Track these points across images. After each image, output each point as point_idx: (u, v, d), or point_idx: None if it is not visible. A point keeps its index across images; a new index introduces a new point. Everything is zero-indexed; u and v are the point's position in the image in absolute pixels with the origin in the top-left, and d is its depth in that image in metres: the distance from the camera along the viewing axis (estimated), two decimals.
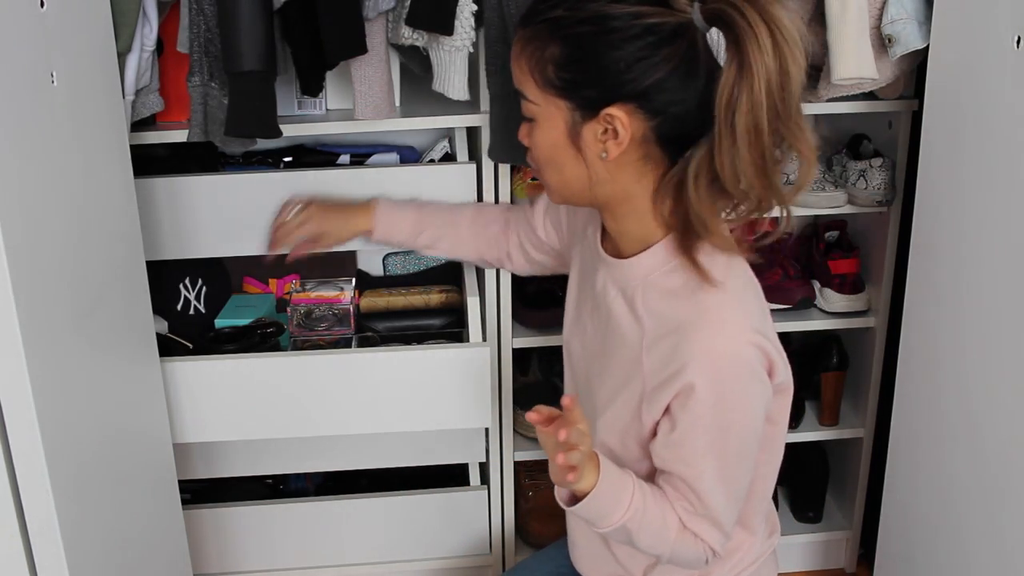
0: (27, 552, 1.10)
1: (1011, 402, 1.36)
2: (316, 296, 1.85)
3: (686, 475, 1.16)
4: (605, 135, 1.11)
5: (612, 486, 1.14)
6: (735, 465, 1.17)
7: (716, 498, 1.16)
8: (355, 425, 1.69)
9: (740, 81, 1.03)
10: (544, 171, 1.19)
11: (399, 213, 1.58)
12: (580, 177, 1.15)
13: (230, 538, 1.88)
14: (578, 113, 1.11)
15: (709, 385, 1.11)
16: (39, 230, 1.08)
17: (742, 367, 1.12)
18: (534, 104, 1.14)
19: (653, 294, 1.17)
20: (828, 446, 2.07)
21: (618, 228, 1.20)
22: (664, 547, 1.18)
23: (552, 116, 1.13)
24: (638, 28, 1.06)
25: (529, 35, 1.12)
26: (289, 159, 1.82)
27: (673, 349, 1.13)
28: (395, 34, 1.57)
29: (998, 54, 1.33)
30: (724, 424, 1.13)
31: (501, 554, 1.95)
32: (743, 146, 1.05)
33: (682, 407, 1.13)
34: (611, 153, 1.11)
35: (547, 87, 1.11)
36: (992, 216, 1.38)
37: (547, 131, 1.14)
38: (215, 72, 1.52)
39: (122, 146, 1.40)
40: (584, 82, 1.09)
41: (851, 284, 1.89)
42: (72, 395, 1.16)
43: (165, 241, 1.69)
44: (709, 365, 1.11)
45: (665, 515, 1.17)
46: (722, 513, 1.18)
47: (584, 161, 1.13)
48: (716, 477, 1.16)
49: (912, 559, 1.66)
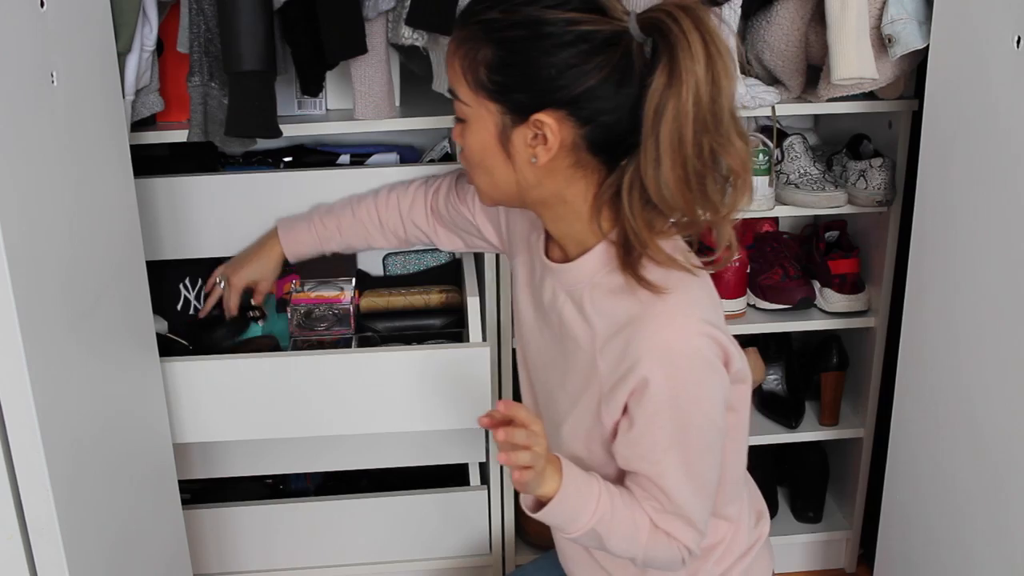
0: (27, 552, 1.10)
1: (1011, 401, 1.36)
2: (316, 296, 1.85)
3: (650, 472, 1.14)
4: (535, 140, 1.10)
5: (576, 490, 1.13)
6: (699, 459, 1.15)
7: (683, 494, 1.15)
8: (355, 425, 1.69)
9: (668, 89, 1.03)
10: (474, 172, 1.18)
11: (298, 234, 1.61)
12: (509, 180, 1.14)
13: (230, 538, 1.88)
14: (508, 117, 1.10)
15: (664, 379, 1.09)
16: (39, 230, 1.08)
17: (696, 358, 1.11)
18: (465, 105, 1.12)
19: (599, 294, 1.16)
20: (828, 446, 2.07)
21: (558, 230, 1.19)
22: (636, 549, 1.17)
23: (482, 118, 1.12)
24: (572, 35, 1.05)
25: (463, 35, 1.11)
26: (289, 159, 1.83)
27: (625, 346, 1.11)
28: (395, 34, 1.57)
29: (998, 54, 1.33)
30: (683, 417, 1.12)
31: (501, 554, 1.95)
32: (666, 156, 1.04)
33: (638, 403, 1.11)
34: (540, 159, 1.10)
35: (478, 89, 1.10)
36: (992, 216, 1.38)
37: (477, 133, 1.13)
38: (215, 72, 1.52)
39: (122, 146, 1.40)
40: (515, 86, 1.08)
41: (851, 284, 1.89)
42: (72, 395, 1.16)
43: (165, 241, 1.69)
44: (661, 358, 1.09)
45: (635, 516, 1.16)
46: (692, 509, 1.16)
47: (513, 165, 1.13)
48: (681, 472, 1.14)
49: (912, 559, 1.66)
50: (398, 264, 2.00)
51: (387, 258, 2.00)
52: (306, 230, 1.61)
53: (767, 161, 1.75)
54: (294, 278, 1.92)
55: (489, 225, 1.44)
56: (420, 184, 1.56)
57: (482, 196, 1.21)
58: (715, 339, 1.12)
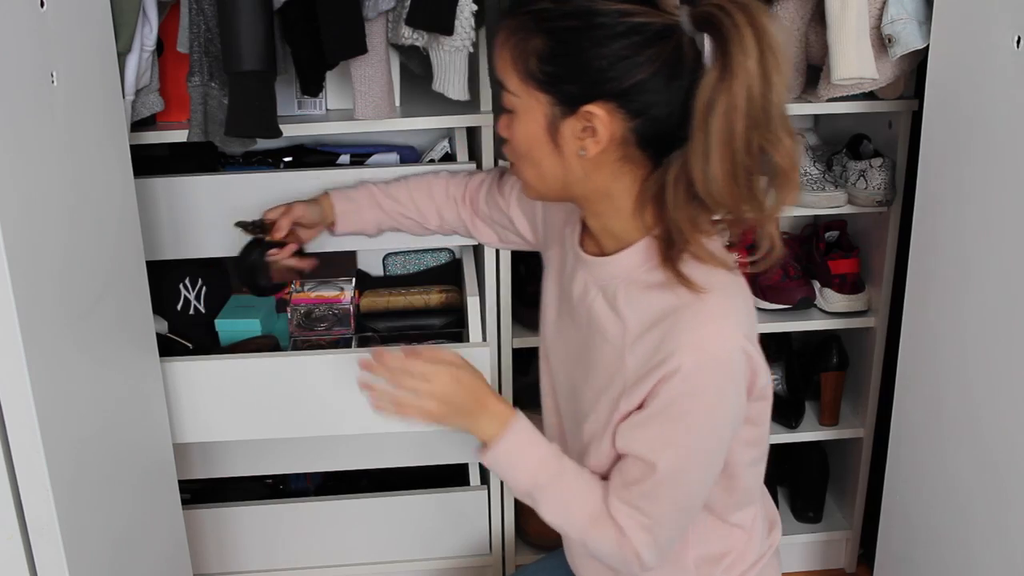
0: (27, 552, 1.10)
1: (1011, 401, 1.36)
2: (316, 296, 1.85)
3: (642, 453, 1.13)
4: (584, 132, 1.09)
5: (519, 447, 1.18)
6: (692, 469, 1.14)
7: (662, 497, 1.14)
8: (355, 425, 1.69)
9: (720, 83, 1.02)
10: (520, 165, 1.17)
11: (358, 214, 1.55)
12: (556, 173, 1.14)
13: (230, 538, 1.88)
14: (558, 108, 1.09)
15: (690, 373, 1.08)
16: (39, 230, 1.08)
17: (724, 367, 1.10)
18: (514, 96, 1.12)
19: (635, 290, 1.15)
20: (828, 446, 2.07)
21: (599, 225, 1.19)
22: (572, 529, 1.19)
23: (532, 109, 1.11)
24: (624, 26, 1.05)
25: (514, 25, 1.10)
26: (289, 159, 1.83)
27: (659, 340, 1.10)
28: (395, 34, 1.57)
29: (998, 54, 1.33)
30: (693, 417, 1.11)
31: (501, 554, 1.95)
32: (715, 151, 1.04)
33: (658, 392, 1.11)
34: (589, 151, 1.10)
35: (528, 79, 1.10)
36: (992, 216, 1.38)
37: (526, 124, 1.12)
38: (215, 72, 1.52)
39: (122, 146, 1.40)
40: (566, 77, 1.08)
41: (851, 284, 1.89)
42: (72, 395, 1.16)
43: (165, 241, 1.69)
44: (695, 354, 1.08)
45: (582, 498, 1.17)
46: (662, 518, 1.15)
47: (561, 157, 1.12)
48: (671, 472, 1.13)
49: (912, 559, 1.66)
50: (398, 264, 2.00)
51: (387, 258, 2.00)
52: (365, 193, 1.55)
53: None
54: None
55: (523, 218, 1.44)
56: (466, 174, 1.56)
57: (527, 189, 1.20)
58: (748, 355, 1.11)
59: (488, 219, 1.51)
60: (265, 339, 1.80)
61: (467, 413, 1.20)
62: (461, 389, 1.20)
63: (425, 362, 1.20)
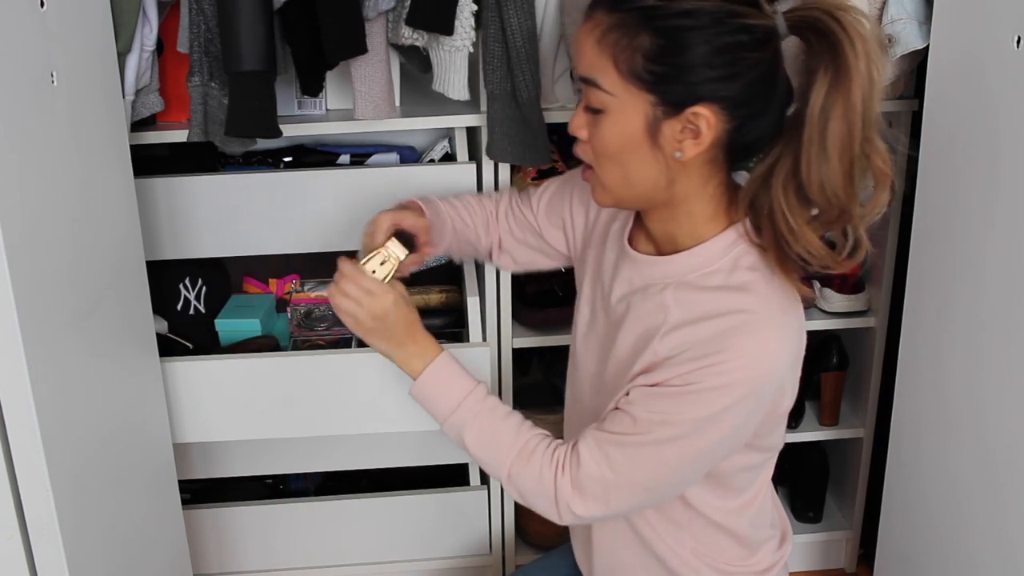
0: (27, 552, 1.10)
1: (1012, 401, 1.36)
2: (316, 296, 1.85)
3: (644, 419, 1.10)
4: (683, 134, 1.06)
5: (444, 381, 1.24)
6: (677, 455, 1.11)
7: (636, 460, 1.11)
8: (355, 425, 1.69)
9: (836, 88, 1.02)
10: (604, 166, 1.12)
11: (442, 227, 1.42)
12: (644, 176, 1.10)
13: (230, 538, 1.88)
14: (661, 109, 1.05)
15: (729, 373, 1.06)
16: (39, 230, 1.08)
17: (763, 386, 1.09)
18: (608, 94, 1.07)
19: (686, 290, 1.13)
20: (828, 446, 2.07)
21: (663, 229, 1.16)
22: (501, 460, 1.20)
23: (628, 109, 1.06)
24: (735, 26, 1.03)
25: (616, 21, 1.05)
26: (289, 159, 1.82)
27: (709, 335, 1.08)
28: (395, 34, 1.57)
29: (998, 54, 1.33)
30: (707, 410, 1.08)
31: (501, 554, 1.95)
32: (834, 154, 1.04)
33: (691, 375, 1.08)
34: (687, 153, 1.07)
35: (631, 79, 1.05)
36: (992, 216, 1.38)
37: (619, 124, 1.08)
38: (215, 72, 1.52)
39: (122, 146, 1.40)
40: (675, 77, 1.04)
41: (851, 284, 1.89)
42: (72, 395, 1.16)
43: (165, 241, 1.69)
44: (745, 363, 1.07)
45: (516, 431, 1.20)
46: (624, 478, 1.12)
47: (655, 160, 1.09)
48: (659, 444, 1.10)
49: (912, 559, 1.66)
50: None
51: None
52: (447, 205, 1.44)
53: None
54: (294, 278, 1.92)
55: (554, 229, 1.40)
56: (494, 195, 1.50)
57: (602, 193, 1.15)
58: (782, 383, 1.13)
59: (511, 239, 1.45)
60: (265, 339, 1.80)
61: (395, 340, 1.25)
62: (398, 315, 1.24)
63: (374, 281, 1.25)
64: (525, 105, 1.58)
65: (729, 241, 1.13)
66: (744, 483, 1.23)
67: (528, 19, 1.54)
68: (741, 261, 1.13)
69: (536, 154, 1.62)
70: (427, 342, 1.26)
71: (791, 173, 1.07)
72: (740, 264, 1.13)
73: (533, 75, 1.56)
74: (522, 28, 1.54)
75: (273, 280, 1.94)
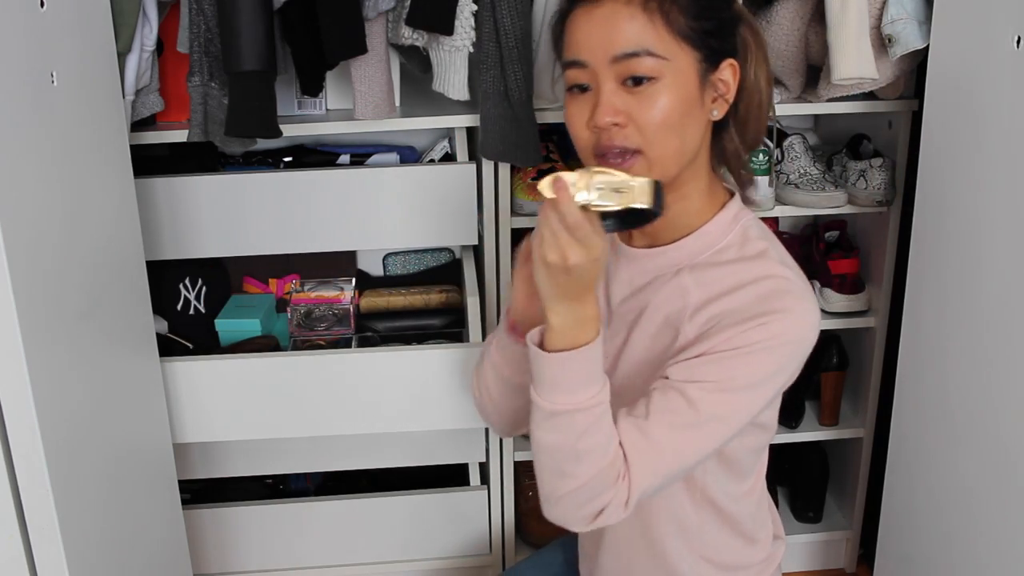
0: (27, 552, 1.10)
1: (1012, 400, 1.36)
2: (316, 296, 1.85)
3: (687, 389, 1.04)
4: (718, 91, 1.09)
5: (595, 362, 1.03)
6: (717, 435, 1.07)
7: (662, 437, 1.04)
8: (355, 425, 1.69)
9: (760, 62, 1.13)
10: (661, 140, 1.06)
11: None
12: (695, 141, 1.09)
13: (230, 538, 1.88)
14: (704, 65, 1.07)
15: (777, 335, 1.05)
16: (39, 230, 1.08)
17: (804, 347, 1.09)
18: (663, 59, 1.04)
19: (701, 269, 1.12)
20: (828, 446, 2.07)
21: (678, 209, 1.13)
22: (600, 463, 1.02)
23: (683, 70, 1.06)
24: None
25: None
26: (289, 159, 1.83)
27: (742, 304, 1.06)
28: (395, 34, 1.57)
29: (998, 54, 1.33)
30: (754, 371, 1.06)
31: (501, 554, 1.95)
32: (766, 103, 1.15)
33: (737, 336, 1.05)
34: (721, 110, 1.10)
35: (682, 38, 1.05)
36: (992, 216, 1.38)
37: (678, 87, 1.05)
38: (215, 72, 1.53)
39: (122, 146, 1.40)
40: (714, 31, 1.07)
41: (851, 284, 1.89)
42: (72, 395, 1.16)
43: (165, 241, 1.69)
44: (793, 323, 1.06)
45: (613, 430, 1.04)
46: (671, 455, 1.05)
47: (701, 121, 1.09)
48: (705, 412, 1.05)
49: (912, 559, 1.66)
50: (398, 264, 2.00)
51: (387, 258, 2.00)
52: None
53: (767, 161, 1.75)
54: (294, 278, 1.92)
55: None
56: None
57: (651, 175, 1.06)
58: (812, 344, 1.11)
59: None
60: (265, 339, 1.80)
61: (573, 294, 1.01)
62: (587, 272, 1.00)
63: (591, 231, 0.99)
64: (517, 105, 1.59)
65: (731, 215, 1.14)
66: (749, 466, 1.22)
67: (521, 20, 1.54)
68: (749, 232, 1.14)
69: (527, 154, 1.62)
70: (595, 311, 1.03)
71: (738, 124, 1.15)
72: (749, 235, 1.14)
73: (526, 75, 1.57)
74: (515, 29, 1.54)
75: (273, 280, 1.94)
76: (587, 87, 1.08)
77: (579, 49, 1.08)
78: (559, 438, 1.03)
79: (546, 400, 1.02)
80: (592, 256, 0.98)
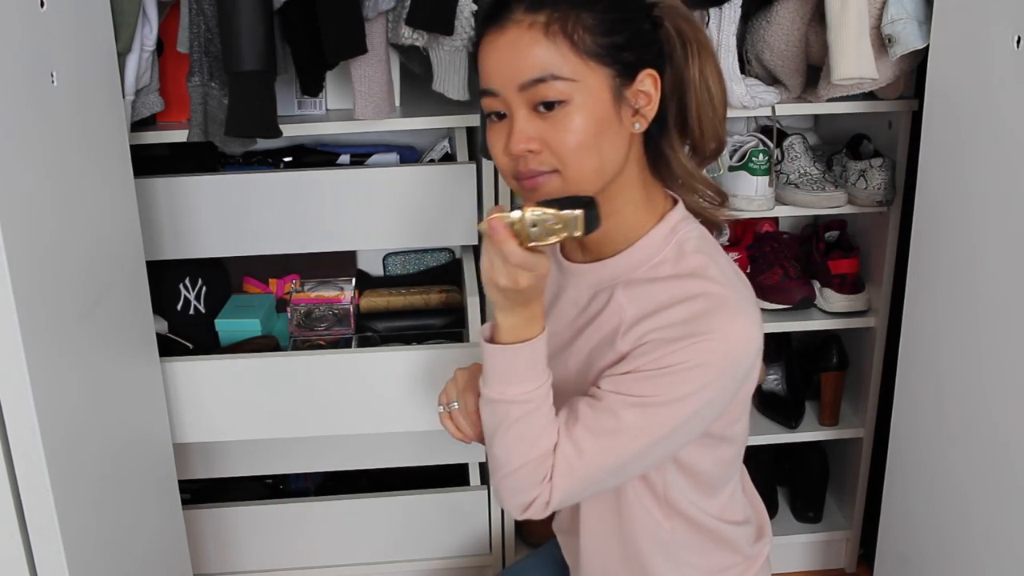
0: (27, 552, 1.10)
1: (1011, 400, 1.36)
2: (316, 296, 1.85)
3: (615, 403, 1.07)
4: (638, 101, 1.09)
5: (538, 358, 1.08)
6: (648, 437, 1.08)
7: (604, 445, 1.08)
8: (355, 425, 1.69)
9: (705, 59, 1.13)
10: (578, 161, 1.07)
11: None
12: (616, 156, 1.09)
13: (230, 538, 1.88)
14: (619, 80, 1.07)
15: (705, 353, 1.05)
16: (39, 230, 1.08)
17: (739, 364, 1.08)
18: (571, 81, 1.04)
19: (635, 287, 1.13)
20: (828, 446, 2.07)
21: (611, 225, 1.13)
22: (521, 457, 1.08)
23: (594, 89, 1.06)
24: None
25: (550, 12, 1.04)
26: (289, 159, 1.83)
27: (671, 322, 1.07)
28: (395, 34, 1.57)
29: (998, 54, 1.33)
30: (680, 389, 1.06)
31: (501, 554, 1.95)
32: (719, 104, 1.14)
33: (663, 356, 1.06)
34: (648, 117, 1.10)
35: (590, 57, 1.05)
36: (992, 216, 1.38)
37: (588, 108, 1.05)
38: (215, 72, 1.53)
39: (122, 146, 1.40)
40: (624, 45, 1.06)
41: (851, 284, 1.89)
42: (72, 395, 1.16)
43: (165, 241, 1.69)
44: (722, 343, 1.06)
45: (549, 429, 1.09)
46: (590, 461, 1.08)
47: (620, 136, 1.08)
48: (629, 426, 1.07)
49: (912, 559, 1.66)
50: (398, 264, 2.00)
51: (387, 258, 2.00)
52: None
53: (767, 161, 1.75)
54: (294, 278, 1.92)
55: None
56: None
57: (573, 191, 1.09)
58: (757, 360, 1.11)
59: None
60: (265, 339, 1.80)
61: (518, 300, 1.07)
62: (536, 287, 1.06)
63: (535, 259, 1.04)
64: None
65: (668, 229, 1.14)
66: (719, 478, 1.22)
67: None
68: (685, 246, 1.13)
69: None
70: (539, 310, 1.09)
71: (676, 127, 1.15)
72: (685, 249, 1.13)
73: None
74: None
75: (273, 280, 1.94)
76: (503, 114, 1.09)
77: (489, 78, 1.08)
78: (494, 425, 1.11)
79: (489, 389, 1.10)
80: (541, 274, 1.05)
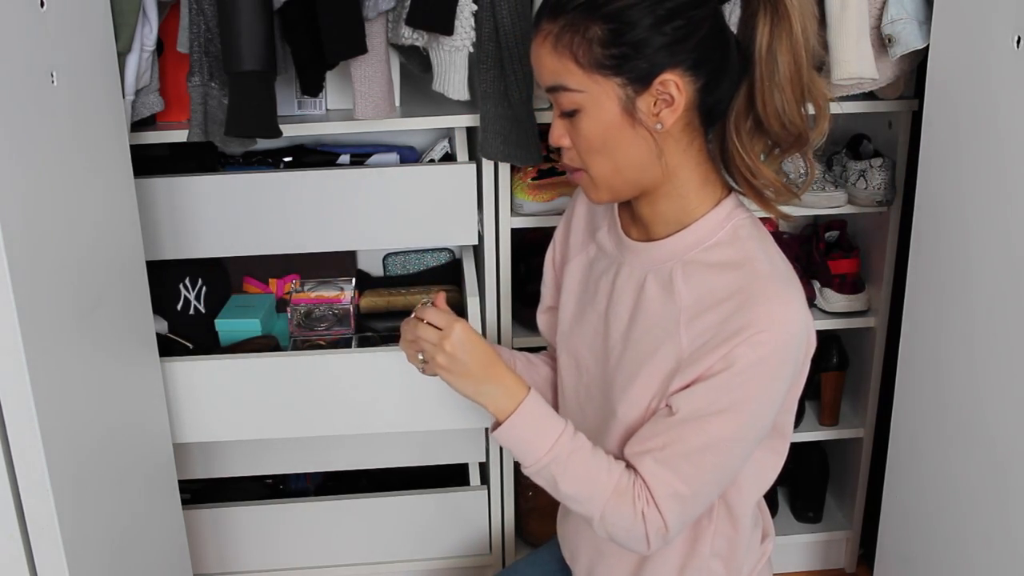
0: (27, 552, 1.10)
1: (1011, 401, 1.36)
2: (316, 296, 1.85)
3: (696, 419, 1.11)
4: (658, 106, 1.11)
5: (534, 422, 1.16)
6: (739, 440, 1.13)
7: (705, 463, 1.13)
8: (355, 425, 1.69)
9: (777, 25, 1.10)
10: (593, 163, 1.15)
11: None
12: (633, 159, 1.14)
13: (230, 538, 1.88)
14: (631, 88, 1.10)
15: (761, 346, 1.09)
16: (39, 230, 1.08)
17: (793, 346, 1.11)
18: (578, 92, 1.11)
19: (694, 269, 1.16)
20: (828, 446, 2.07)
21: (654, 211, 1.19)
22: (595, 502, 1.14)
23: (601, 98, 1.11)
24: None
25: (563, 24, 1.10)
26: (289, 159, 1.83)
27: (729, 314, 1.10)
28: (395, 34, 1.57)
29: (998, 54, 1.33)
30: (753, 387, 1.11)
31: (501, 554, 1.95)
32: (787, 85, 1.12)
33: (724, 361, 1.10)
34: (667, 122, 1.11)
35: (595, 69, 1.10)
36: (992, 216, 1.38)
37: (598, 116, 1.12)
38: (215, 72, 1.53)
39: (122, 146, 1.40)
40: (634, 55, 1.09)
41: (851, 284, 1.89)
42: (72, 395, 1.16)
43: (165, 241, 1.69)
44: (771, 331, 1.09)
45: (609, 468, 1.15)
46: (700, 485, 1.14)
47: (638, 138, 1.12)
48: (720, 439, 1.12)
49: (912, 559, 1.66)
50: (398, 264, 2.00)
51: (387, 258, 2.00)
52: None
53: None
54: (294, 278, 1.92)
55: (551, 269, 1.42)
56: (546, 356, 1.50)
57: (597, 191, 1.19)
58: (809, 338, 1.15)
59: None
60: (265, 339, 1.80)
61: (476, 377, 1.18)
62: (474, 349, 1.18)
63: (442, 315, 1.20)
64: (517, 105, 1.59)
65: (725, 213, 1.17)
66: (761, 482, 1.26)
67: (521, 20, 1.54)
68: (740, 231, 1.17)
69: (527, 154, 1.63)
70: (511, 379, 1.18)
71: (743, 113, 1.15)
72: (739, 234, 1.16)
73: (526, 75, 1.57)
74: (515, 29, 1.54)
75: (273, 280, 1.94)
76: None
77: (536, 76, 1.17)
78: (553, 490, 1.17)
79: (525, 466, 1.18)
80: (461, 327, 1.17)
